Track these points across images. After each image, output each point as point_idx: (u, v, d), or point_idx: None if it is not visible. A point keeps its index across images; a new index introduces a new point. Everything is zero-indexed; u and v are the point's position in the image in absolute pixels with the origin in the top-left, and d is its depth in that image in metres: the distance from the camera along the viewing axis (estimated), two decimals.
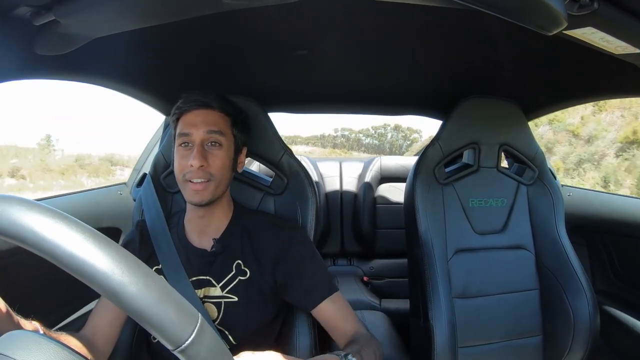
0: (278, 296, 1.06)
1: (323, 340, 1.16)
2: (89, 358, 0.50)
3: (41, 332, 0.77)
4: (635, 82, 1.19)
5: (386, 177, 2.79)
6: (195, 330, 0.43)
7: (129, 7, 0.73)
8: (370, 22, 1.04)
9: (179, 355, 0.43)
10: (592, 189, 2.45)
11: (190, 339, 0.42)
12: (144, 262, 0.45)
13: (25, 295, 1.03)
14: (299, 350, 1.08)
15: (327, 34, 1.13)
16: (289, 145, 1.27)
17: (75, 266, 0.40)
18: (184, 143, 0.99)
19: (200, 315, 0.45)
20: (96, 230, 0.43)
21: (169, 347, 0.42)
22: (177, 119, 1.02)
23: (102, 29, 0.83)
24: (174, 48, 1.19)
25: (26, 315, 0.76)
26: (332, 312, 1.02)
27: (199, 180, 0.96)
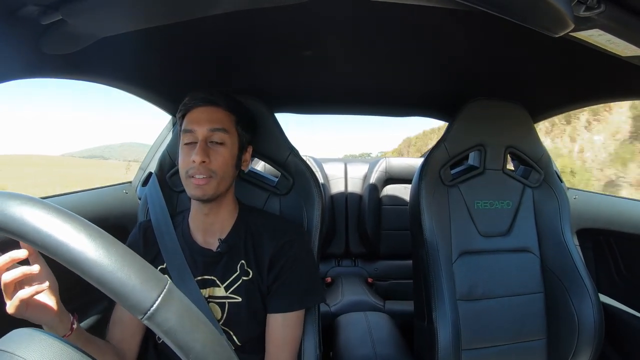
0: None
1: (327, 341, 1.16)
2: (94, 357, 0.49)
3: (74, 327, 0.79)
4: None
5: (392, 178, 2.78)
6: (162, 296, 0.42)
7: (135, 7, 0.74)
8: (376, 23, 1.04)
9: (147, 324, 0.41)
10: (598, 192, 2.42)
11: (155, 305, 0.41)
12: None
13: None
14: (304, 351, 1.08)
15: (332, 34, 1.13)
16: None
17: (39, 239, 0.41)
18: (187, 140, 1.00)
19: (169, 280, 0.44)
20: (58, 206, 0.44)
21: (137, 316, 0.41)
22: (183, 116, 1.03)
23: (108, 29, 0.83)
24: (180, 48, 1.19)
25: None
26: (277, 330, 1.02)
27: (201, 176, 0.96)
